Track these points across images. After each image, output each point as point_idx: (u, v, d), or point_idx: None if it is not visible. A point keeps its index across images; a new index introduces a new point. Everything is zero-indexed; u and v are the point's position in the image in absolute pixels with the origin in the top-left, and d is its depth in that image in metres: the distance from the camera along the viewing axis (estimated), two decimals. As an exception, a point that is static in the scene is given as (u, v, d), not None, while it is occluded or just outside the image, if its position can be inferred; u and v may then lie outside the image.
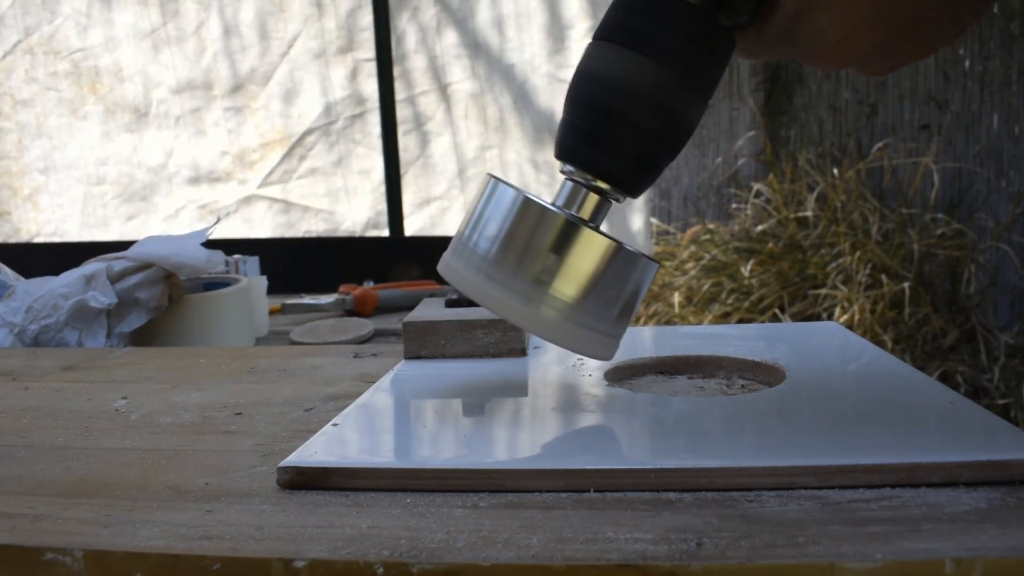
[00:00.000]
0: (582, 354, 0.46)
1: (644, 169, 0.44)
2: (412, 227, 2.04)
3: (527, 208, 0.44)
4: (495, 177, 0.46)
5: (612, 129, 0.43)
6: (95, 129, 2.06)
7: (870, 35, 0.39)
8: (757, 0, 0.42)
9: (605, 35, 0.44)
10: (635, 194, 0.45)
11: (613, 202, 0.46)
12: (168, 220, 2.08)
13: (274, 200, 2.06)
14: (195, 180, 2.06)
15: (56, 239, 2.10)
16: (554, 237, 0.43)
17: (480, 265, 0.45)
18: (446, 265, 0.47)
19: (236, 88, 2.02)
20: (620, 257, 0.44)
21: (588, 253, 0.43)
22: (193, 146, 2.05)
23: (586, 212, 0.45)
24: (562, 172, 0.46)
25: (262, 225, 2.07)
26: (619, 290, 0.45)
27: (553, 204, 0.46)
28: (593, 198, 0.45)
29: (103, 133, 2.06)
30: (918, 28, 0.40)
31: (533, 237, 0.44)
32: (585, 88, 0.44)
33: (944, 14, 0.40)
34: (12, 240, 2.11)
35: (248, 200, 2.06)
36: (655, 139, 0.43)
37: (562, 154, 0.45)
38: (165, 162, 2.06)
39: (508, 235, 0.44)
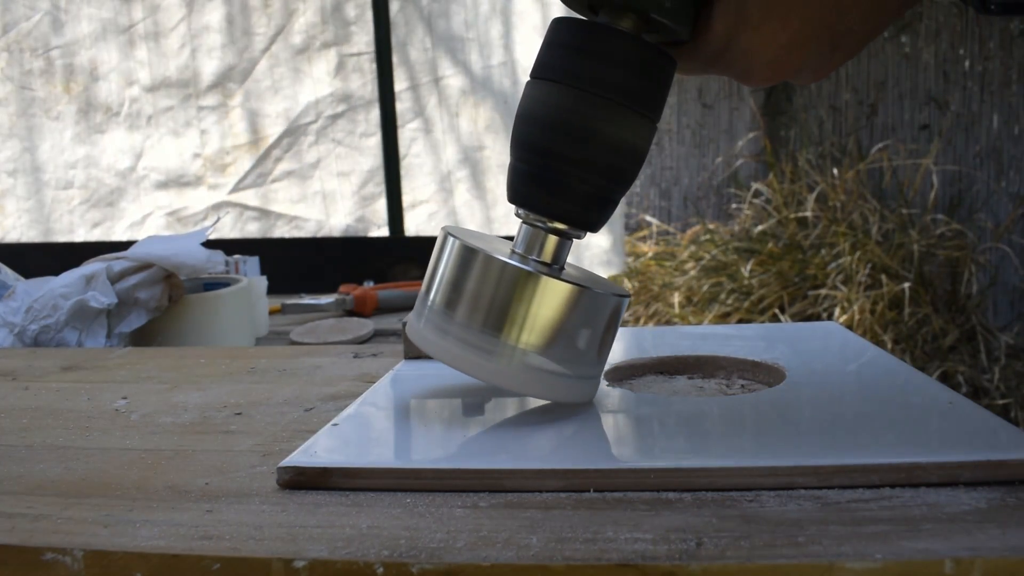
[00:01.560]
0: (565, 401, 0.46)
1: (600, 206, 0.44)
2: (408, 219, 1.98)
3: (487, 264, 0.43)
4: (451, 233, 0.45)
5: (563, 171, 0.42)
6: (67, 131, 1.99)
7: (801, 52, 0.40)
8: (692, 19, 0.42)
9: (544, 74, 0.43)
10: (594, 230, 0.45)
11: (574, 239, 0.46)
12: (134, 227, 2.00)
13: (245, 207, 1.97)
14: (164, 185, 1.98)
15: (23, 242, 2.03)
16: (516, 290, 0.43)
17: (446, 327, 0.44)
18: (414, 329, 0.47)
19: (213, 86, 1.94)
20: (586, 300, 0.44)
21: (552, 302, 0.43)
22: (164, 148, 1.97)
23: (547, 255, 0.45)
24: (517, 216, 0.46)
25: (231, 235, 1.97)
26: (591, 332, 0.44)
27: (513, 251, 0.45)
28: (552, 240, 0.45)
29: (74, 135, 1.98)
30: (846, 39, 0.40)
31: (496, 293, 0.43)
32: (530, 131, 0.43)
33: (869, 25, 0.40)
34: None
35: (218, 207, 1.98)
36: (607, 175, 0.43)
37: (515, 199, 0.45)
38: (134, 165, 1.97)
39: (471, 293, 0.43)
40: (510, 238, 0.47)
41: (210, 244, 0.95)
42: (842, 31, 0.40)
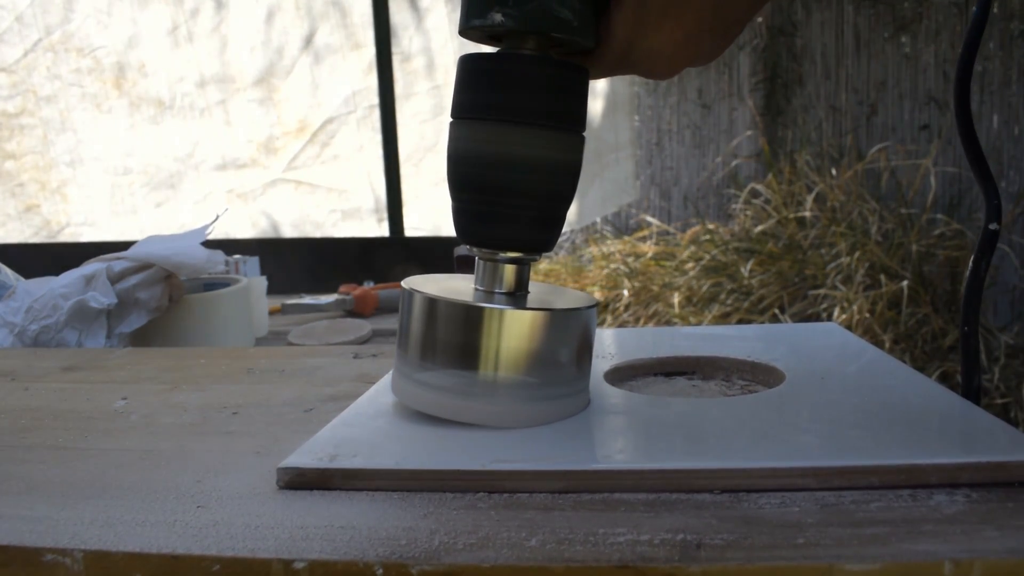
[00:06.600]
0: (557, 421, 0.46)
1: (547, 227, 0.45)
2: (430, 200, 2.09)
3: (450, 310, 0.44)
4: (412, 287, 0.46)
5: (502, 203, 0.43)
6: (120, 122, 2.11)
7: (698, 44, 0.43)
8: (593, 29, 0.43)
9: (462, 113, 0.44)
10: (548, 250, 0.46)
11: (532, 261, 0.47)
12: (197, 205, 2.14)
13: (299, 183, 2.12)
14: (221, 167, 2.12)
15: (86, 228, 2.17)
16: (482, 330, 0.43)
17: (426, 379, 0.45)
18: (397, 387, 0.48)
19: (258, 81, 2.08)
20: (554, 321, 0.44)
21: (521, 332, 0.44)
22: (218, 136, 2.12)
23: (508, 284, 0.46)
24: (471, 253, 0.46)
25: (288, 206, 2.13)
26: (567, 350, 0.45)
27: (476, 288, 0.46)
28: (510, 268, 0.46)
29: (128, 126, 2.11)
30: (735, 26, 0.43)
31: (465, 336, 0.44)
32: (462, 170, 0.44)
33: (753, 11, 0.44)
34: (43, 231, 2.18)
35: (274, 183, 2.13)
36: (546, 197, 0.44)
37: (465, 239, 0.46)
38: (192, 151, 2.12)
39: (442, 342, 0.44)
40: None
41: (212, 243, 0.95)
42: (732, 20, 0.43)
